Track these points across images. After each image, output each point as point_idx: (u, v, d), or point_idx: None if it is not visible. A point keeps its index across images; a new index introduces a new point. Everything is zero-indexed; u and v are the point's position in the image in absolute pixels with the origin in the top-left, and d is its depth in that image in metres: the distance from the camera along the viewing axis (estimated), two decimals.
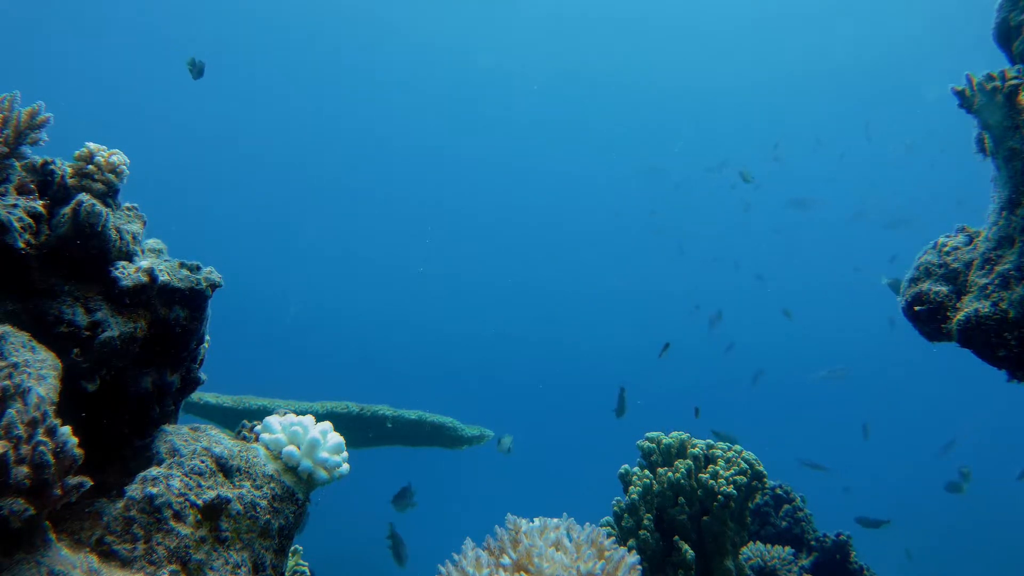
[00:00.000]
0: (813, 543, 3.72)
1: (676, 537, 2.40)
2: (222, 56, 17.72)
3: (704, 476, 2.45)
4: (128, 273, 1.41)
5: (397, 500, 5.57)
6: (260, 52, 17.88)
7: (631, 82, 18.83)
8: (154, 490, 1.23)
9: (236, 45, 17.56)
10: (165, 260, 1.57)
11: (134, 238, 1.49)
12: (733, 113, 18.65)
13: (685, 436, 2.59)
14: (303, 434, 1.50)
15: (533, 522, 1.50)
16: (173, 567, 1.18)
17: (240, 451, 1.42)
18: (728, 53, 17.63)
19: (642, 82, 18.83)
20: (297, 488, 1.46)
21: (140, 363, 1.47)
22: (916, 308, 2.10)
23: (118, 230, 1.44)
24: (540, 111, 19.70)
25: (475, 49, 18.57)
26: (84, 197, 1.37)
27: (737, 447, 2.57)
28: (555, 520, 1.51)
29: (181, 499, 1.25)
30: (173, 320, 1.51)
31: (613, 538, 1.58)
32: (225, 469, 1.36)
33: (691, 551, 2.37)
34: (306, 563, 2.59)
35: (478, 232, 20.98)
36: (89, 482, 1.04)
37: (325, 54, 18.49)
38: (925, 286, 2.09)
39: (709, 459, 2.53)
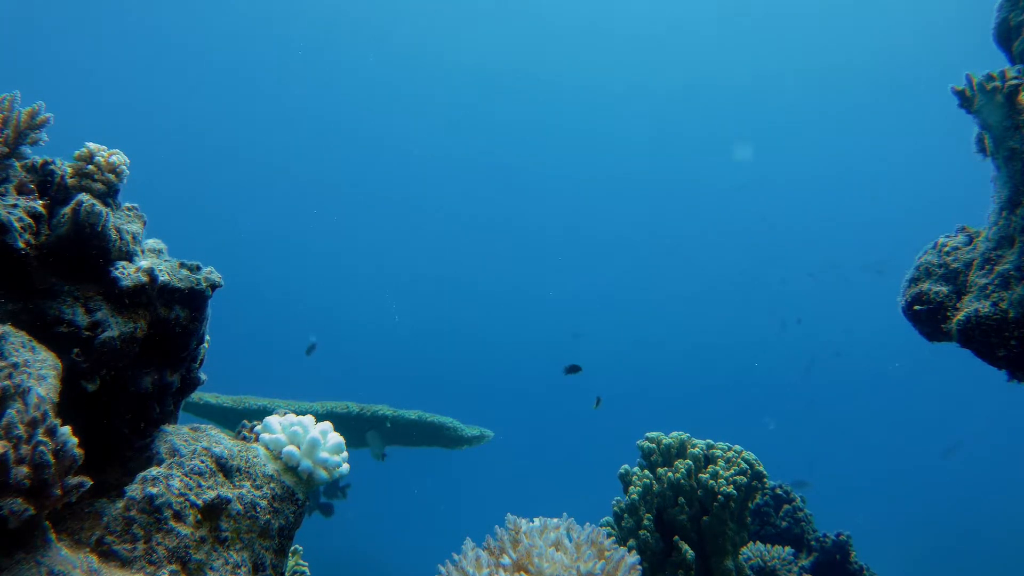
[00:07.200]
0: (813, 543, 3.72)
1: (676, 537, 2.39)
2: (224, 56, 17.74)
3: (704, 476, 2.45)
4: (128, 273, 1.41)
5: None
6: (262, 53, 17.87)
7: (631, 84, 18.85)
8: (154, 490, 1.23)
9: (237, 45, 17.55)
10: (165, 260, 1.56)
11: (134, 238, 1.49)
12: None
13: (685, 436, 2.59)
14: (303, 434, 1.50)
15: (533, 522, 1.50)
16: (173, 567, 1.18)
17: (240, 451, 1.42)
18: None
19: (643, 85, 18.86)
20: (297, 488, 1.46)
21: (140, 363, 1.46)
22: (916, 308, 2.09)
23: (118, 230, 1.44)
24: (540, 114, 19.70)
25: (477, 53, 18.59)
26: (84, 197, 1.37)
27: (737, 447, 2.57)
28: (555, 520, 1.51)
29: (181, 499, 1.25)
30: (173, 320, 1.51)
31: (613, 538, 1.58)
32: (225, 469, 1.36)
33: (691, 551, 2.36)
34: (306, 563, 2.59)
35: (478, 233, 20.99)
36: (89, 482, 1.04)
37: (331, 55, 18.49)
38: (925, 286, 2.09)
39: (709, 459, 2.53)
